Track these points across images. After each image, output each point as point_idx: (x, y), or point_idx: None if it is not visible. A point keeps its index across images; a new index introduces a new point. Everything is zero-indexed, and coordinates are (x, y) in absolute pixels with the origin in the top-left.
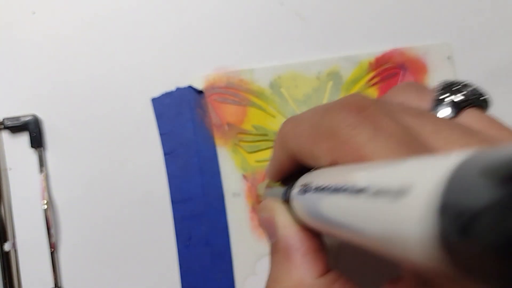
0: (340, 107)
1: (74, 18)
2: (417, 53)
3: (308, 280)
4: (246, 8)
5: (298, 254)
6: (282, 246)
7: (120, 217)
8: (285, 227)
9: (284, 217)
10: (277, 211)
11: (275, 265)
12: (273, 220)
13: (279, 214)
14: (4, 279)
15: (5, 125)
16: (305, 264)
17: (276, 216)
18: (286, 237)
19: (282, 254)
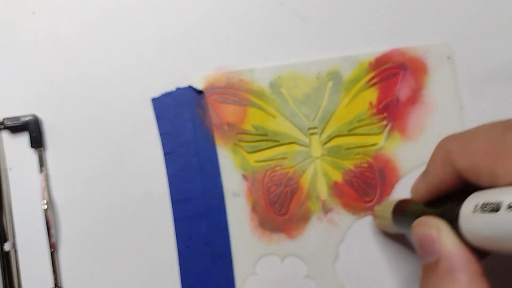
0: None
1: (74, 18)
2: (417, 53)
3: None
4: (246, 8)
5: (464, 276)
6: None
7: (120, 217)
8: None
9: (450, 236)
10: (442, 229)
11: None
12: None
13: (445, 232)
14: (4, 279)
15: (5, 125)
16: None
17: (442, 234)
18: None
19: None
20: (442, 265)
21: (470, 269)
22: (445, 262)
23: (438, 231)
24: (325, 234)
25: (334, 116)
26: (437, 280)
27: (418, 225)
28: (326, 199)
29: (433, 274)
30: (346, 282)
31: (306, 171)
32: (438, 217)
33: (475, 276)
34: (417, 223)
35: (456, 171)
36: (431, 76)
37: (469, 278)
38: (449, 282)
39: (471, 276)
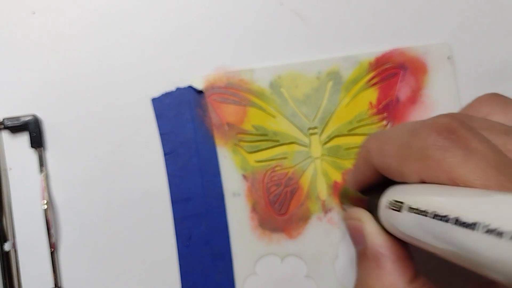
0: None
1: (74, 18)
2: (417, 53)
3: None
4: (246, 8)
5: (388, 261)
6: (371, 253)
7: (120, 217)
8: (374, 235)
9: (373, 226)
10: (365, 220)
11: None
12: (362, 228)
13: (368, 223)
14: (4, 279)
15: (5, 125)
16: (396, 270)
17: (365, 225)
18: (376, 245)
19: (371, 261)
20: (368, 253)
21: (393, 255)
22: (370, 251)
23: (362, 222)
24: (325, 234)
25: (334, 116)
26: (366, 266)
27: (346, 218)
28: (326, 199)
29: (363, 262)
30: (346, 282)
31: (306, 171)
32: (363, 210)
33: (399, 260)
34: (346, 216)
35: (375, 168)
36: (431, 76)
37: (393, 263)
38: (375, 268)
39: (395, 261)
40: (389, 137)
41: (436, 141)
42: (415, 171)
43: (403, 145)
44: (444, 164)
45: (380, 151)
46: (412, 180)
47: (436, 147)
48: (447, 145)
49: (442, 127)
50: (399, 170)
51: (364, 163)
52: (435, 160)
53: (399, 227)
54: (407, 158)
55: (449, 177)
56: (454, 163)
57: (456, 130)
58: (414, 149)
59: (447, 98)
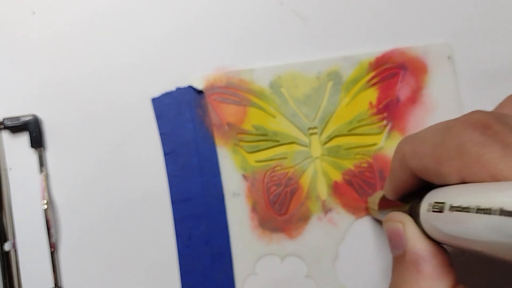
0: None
1: (74, 18)
2: (417, 53)
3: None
4: (246, 8)
5: (429, 266)
6: (411, 258)
7: (120, 217)
8: (416, 239)
9: (414, 230)
10: (407, 224)
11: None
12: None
13: (409, 227)
14: (4, 279)
15: (5, 125)
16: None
17: (407, 229)
18: (417, 249)
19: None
20: (408, 257)
21: (434, 260)
22: (411, 255)
23: (403, 225)
24: (325, 234)
25: (334, 116)
26: (404, 271)
27: (387, 220)
28: (326, 199)
29: (401, 266)
30: (346, 282)
31: (306, 171)
32: (405, 213)
33: (440, 266)
34: (386, 218)
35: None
36: (431, 76)
37: (433, 268)
38: (414, 273)
39: (435, 266)
40: (423, 138)
41: (473, 137)
42: (454, 170)
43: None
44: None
45: (415, 153)
46: (451, 179)
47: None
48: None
49: (477, 123)
50: (437, 170)
51: (400, 168)
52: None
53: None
54: (444, 157)
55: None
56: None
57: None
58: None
59: (447, 98)
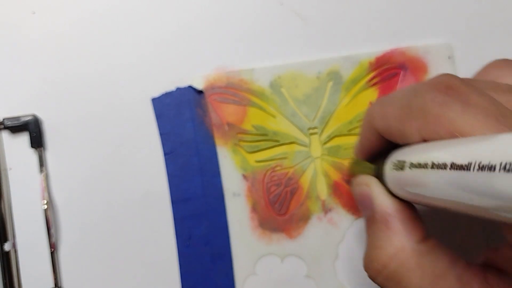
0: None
1: (74, 18)
2: (418, 53)
3: (410, 245)
4: (246, 8)
5: (397, 221)
6: (380, 216)
7: (120, 217)
8: (382, 198)
9: (380, 190)
10: (372, 185)
11: (374, 234)
12: (369, 193)
13: (375, 188)
14: (4, 279)
15: (5, 125)
16: (405, 230)
17: (372, 189)
18: (384, 207)
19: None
20: (377, 216)
21: (401, 215)
22: (379, 213)
23: (369, 186)
24: (325, 234)
25: (334, 116)
26: (376, 230)
27: (354, 185)
28: (326, 199)
29: (372, 225)
30: (346, 282)
31: (306, 171)
32: (370, 176)
33: (408, 221)
34: (354, 183)
35: (378, 133)
36: (431, 76)
37: (402, 223)
38: (385, 230)
39: (403, 221)
40: (391, 100)
41: (435, 97)
42: (415, 129)
43: (404, 105)
44: (443, 119)
45: (382, 114)
46: (413, 139)
47: (435, 103)
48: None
49: (441, 84)
50: (400, 130)
51: (368, 129)
52: (434, 115)
53: (404, 186)
54: (408, 117)
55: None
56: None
57: (455, 86)
58: (414, 107)
59: None
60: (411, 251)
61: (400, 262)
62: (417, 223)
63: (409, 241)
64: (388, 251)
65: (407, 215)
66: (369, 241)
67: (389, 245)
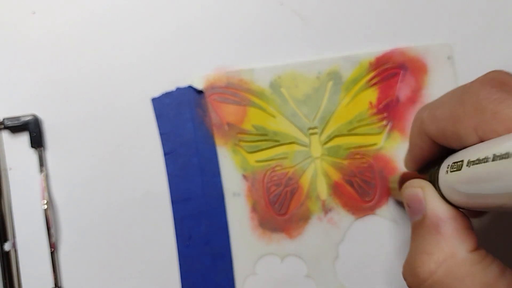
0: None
1: (74, 18)
2: (417, 53)
3: (461, 253)
4: (246, 8)
5: (449, 228)
6: (431, 221)
7: (120, 217)
8: (435, 202)
9: (434, 194)
10: (426, 188)
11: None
12: (422, 196)
13: (429, 191)
14: (4, 279)
15: (5, 125)
16: (457, 237)
17: (426, 192)
18: (437, 212)
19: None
20: (428, 221)
21: (454, 222)
22: (431, 218)
23: (423, 190)
24: (325, 234)
25: (334, 116)
26: (425, 234)
27: (406, 187)
28: (326, 199)
29: (421, 230)
30: (346, 282)
31: (306, 171)
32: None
33: (460, 228)
34: (405, 186)
35: (430, 138)
36: (431, 76)
37: (454, 230)
38: (435, 234)
39: (455, 228)
40: (441, 102)
41: (490, 94)
42: (471, 129)
43: (456, 105)
44: (500, 116)
45: (433, 118)
46: (470, 139)
47: (490, 100)
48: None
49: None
50: (455, 132)
51: (419, 136)
52: (491, 112)
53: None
54: (462, 117)
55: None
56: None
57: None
58: (468, 106)
59: None
60: (462, 259)
61: (449, 269)
62: (469, 232)
63: (461, 249)
64: (437, 257)
65: (460, 223)
66: (414, 246)
67: (438, 250)
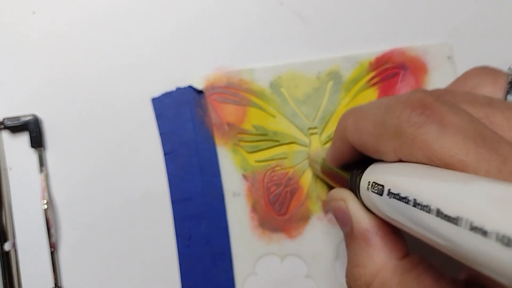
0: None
1: (74, 18)
2: (417, 53)
3: (392, 262)
4: (246, 8)
5: (377, 238)
6: (358, 232)
7: (120, 217)
8: (359, 214)
9: (356, 206)
10: (348, 201)
11: (354, 252)
12: (345, 209)
13: (351, 203)
14: (4, 279)
15: (5, 125)
16: (386, 246)
17: (349, 205)
18: (362, 224)
19: (360, 239)
20: (356, 232)
21: (380, 231)
22: (357, 229)
23: (345, 202)
24: (325, 234)
25: (334, 116)
26: (356, 246)
27: (329, 200)
28: (326, 199)
29: (352, 242)
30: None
31: (306, 171)
32: (346, 190)
33: (388, 237)
34: (329, 198)
35: (351, 145)
36: (431, 76)
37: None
38: (365, 246)
39: (383, 237)
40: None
41: (410, 117)
42: (391, 149)
43: (378, 123)
44: (418, 142)
45: (356, 128)
46: (389, 158)
47: (410, 124)
48: (421, 121)
49: (416, 103)
50: (375, 148)
51: (341, 140)
52: (410, 137)
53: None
54: (383, 136)
55: (425, 155)
56: (429, 139)
57: (430, 105)
58: (389, 126)
59: None
60: (394, 268)
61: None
62: (397, 239)
63: (391, 258)
64: (370, 269)
65: (386, 231)
66: (350, 258)
67: (371, 263)
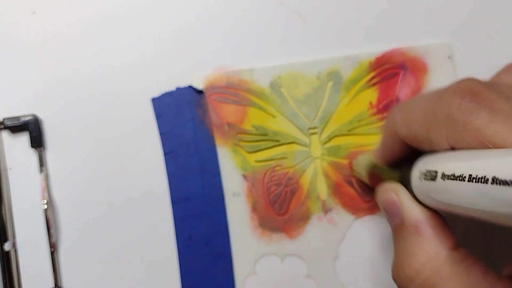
0: (453, 93)
1: (74, 18)
2: (417, 53)
3: (443, 252)
4: (246, 8)
5: (428, 228)
6: (409, 223)
7: (120, 217)
8: (411, 205)
9: (408, 197)
10: (399, 192)
11: (404, 242)
12: (396, 200)
13: (403, 195)
14: (4, 279)
15: (5, 125)
16: (438, 237)
17: (400, 196)
18: (414, 214)
19: (411, 230)
20: (407, 224)
21: (432, 222)
22: (409, 220)
23: (397, 194)
24: (325, 234)
25: (334, 116)
26: (406, 237)
27: (379, 192)
28: (326, 199)
29: (402, 234)
30: (346, 282)
31: (306, 171)
32: (396, 182)
33: (439, 228)
34: (379, 190)
35: (401, 140)
36: (431, 76)
37: (433, 230)
38: (416, 236)
39: (434, 228)
40: (414, 106)
41: (461, 104)
42: (443, 138)
43: (428, 113)
44: (470, 127)
45: (406, 121)
46: (441, 147)
47: (461, 111)
48: (472, 108)
49: (465, 90)
50: (426, 138)
51: (390, 136)
52: (461, 124)
53: (435, 196)
54: (434, 125)
55: (477, 140)
56: (481, 125)
57: (479, 92)
58: (440, 115)
59: None
60: (445, 258)
61: (434, 269)
62: (447, 230)
63: (442, 248)
64: (421, 257)
65: (437, 223)
66: (398, 249)
67: (422, 251)
